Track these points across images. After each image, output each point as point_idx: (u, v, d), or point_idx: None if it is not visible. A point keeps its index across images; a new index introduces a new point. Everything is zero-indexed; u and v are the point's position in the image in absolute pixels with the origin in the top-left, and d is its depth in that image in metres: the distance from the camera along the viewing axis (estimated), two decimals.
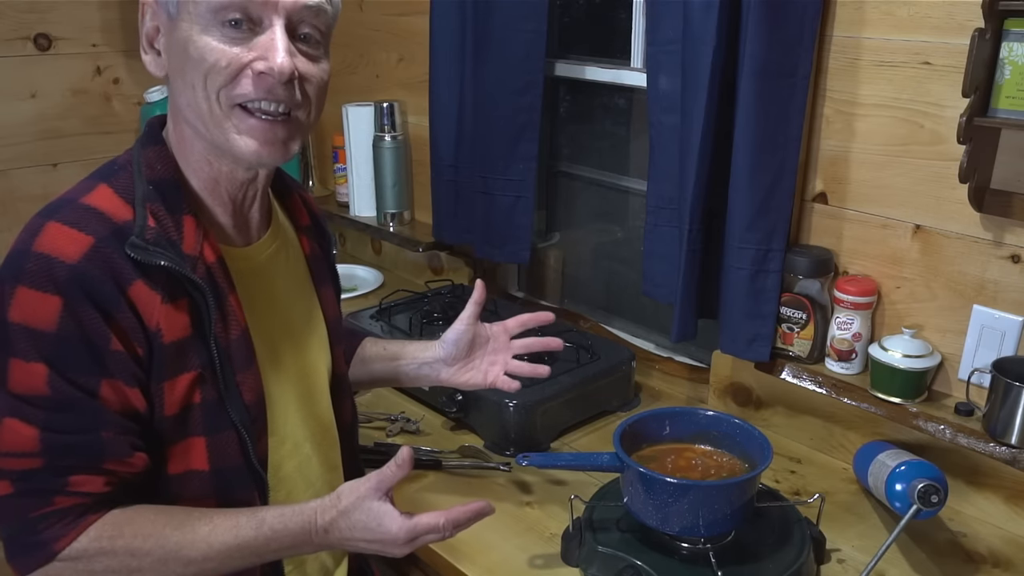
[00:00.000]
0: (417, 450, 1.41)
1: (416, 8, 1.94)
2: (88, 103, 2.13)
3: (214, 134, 0.90)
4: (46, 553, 0.85)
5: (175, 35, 0.88)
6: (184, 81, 0.89)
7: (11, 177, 2.05)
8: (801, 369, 1.38)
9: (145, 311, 0.86)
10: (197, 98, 0.88)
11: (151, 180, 0.92)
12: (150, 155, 0.94)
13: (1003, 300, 1.20)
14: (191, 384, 0.90)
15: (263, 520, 0.91)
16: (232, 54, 0.87)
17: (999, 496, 1.24)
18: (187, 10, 0.87)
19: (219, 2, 0.85)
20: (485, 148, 1.75)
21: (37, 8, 2.01)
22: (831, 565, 1.16)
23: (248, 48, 0.87)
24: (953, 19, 1.16)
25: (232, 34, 0.87)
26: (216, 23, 0.86)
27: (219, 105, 0.88)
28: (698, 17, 1.31)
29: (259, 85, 0.87)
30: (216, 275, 0.93)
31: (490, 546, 1.19)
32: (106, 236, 0.85)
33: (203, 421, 0.91)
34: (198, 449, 0.92)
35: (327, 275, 1.16)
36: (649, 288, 1.56)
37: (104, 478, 0.86)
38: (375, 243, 2.26)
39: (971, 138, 1.11)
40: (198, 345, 0.90)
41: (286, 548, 0.93)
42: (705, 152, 1.36)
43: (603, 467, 1.13)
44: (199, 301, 0.90)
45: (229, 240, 0.98)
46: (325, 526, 0.93)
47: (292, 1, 0.87)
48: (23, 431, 0.83)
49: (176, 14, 0.88)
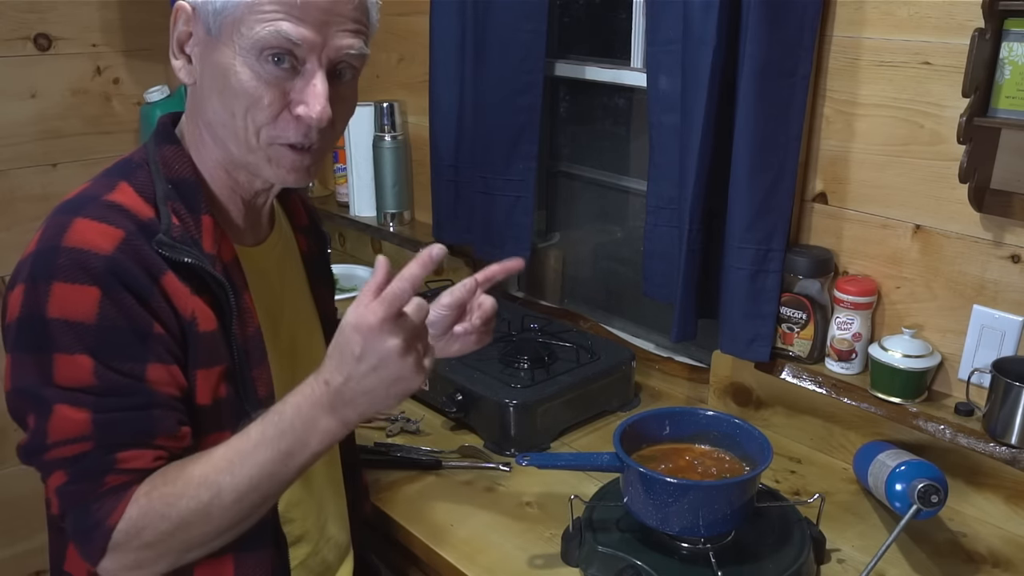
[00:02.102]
0: (417, 450, 1.41)
1: (416, 8, 1.94)
2: (88, 103, 2.13)
3: (245, 157, 0.93)
4: (102, 532, 0.84)
5: (214, 55, 0.89)
6: (223, 105, 0.90)
7: (11, 177, 2.05)
8: (801, 369, 1.38)
9: (178, 301, 0.88)
10: (236, 125, 0.90)
11: (170, 179, 0.93)
12: (167, 154, 0.95)
13: (1003, 300, 1.20)
14: (220, 377, 0.92)
15: (264, 419, 0.86)
16: (274, 93, 0.88)
17: (999, 496, 1.23)
18: (230, 36, 0.87)
19: (267, 40, 0.86)
20: (485, 148, 1.75)
21: (37, 8, 2.01)
22: (831, 565, 1.16)
23: (289, 87, 0.89)
24: (953, 19, 1.16)
25: (274, 71, 0.87)
26: (260, 57, 0.87)
27: (256, 138, 0.90)
28: (698, 17, 1.31)
29: (298, 128, 0.90)
30: (233, 274, 0.95)
31: (490, 546, 1.19)
32: (135, 231, 0.87)
33: (231, 415, 0.93)
34: None
35: (322, 274, 1.18)
36: (649, 288, 1.56)
37: (153, 452, 0.86)
38: (375, 243, 2.26)
39: (971, 138, 1.11)
40: (223, 340, 0.92)
41: (306, 431, 0.85)
42: (705, 152, 1.36)
43: (603, 467, 1.13)
44: (220, 298, 0.92)
45: (240, 238, 1.01)
46: (325, 378, 0.84)
47: (336, 48, 0.89)
48: (74, 416, 0.83)
49: (216, 34, 0.88)
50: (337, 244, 2.39)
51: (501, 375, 1.46)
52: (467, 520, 1.24)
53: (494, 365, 1.49)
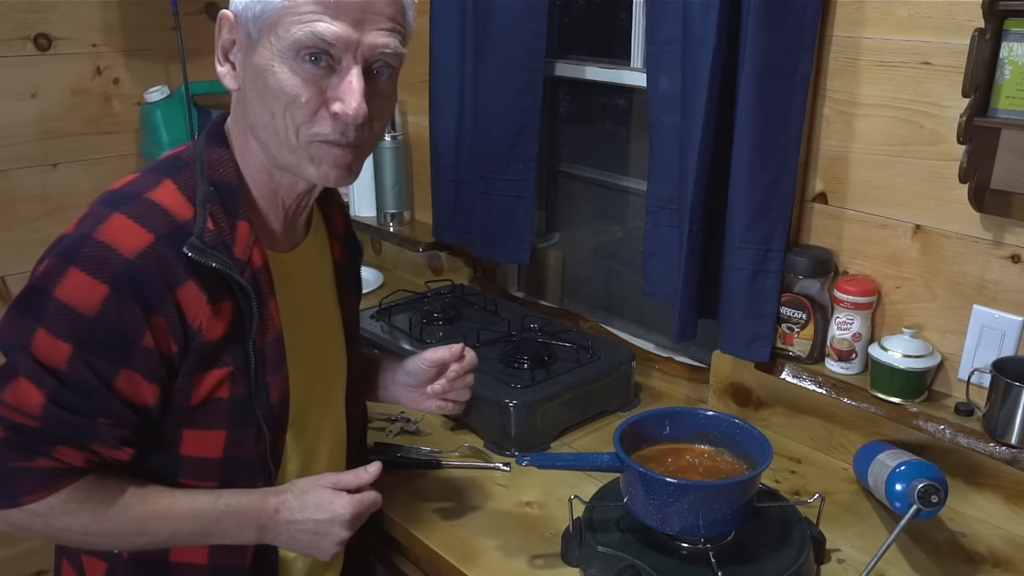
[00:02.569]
0: (417, 450, 1.41)
1: (416, 8, 1.94)
2: (88, 103, 2.13)
3: (287, 158, 0.94)
4: (12, 500, 0.90)
5: (254, 58, 0.91)
6: (263, 106, 0.91)
7: (11, 177, 2.04)
8: (801, 369, 1.38)
9: (190, 311, 0.90)
10: (276, 125, 0.91)
11: (213, 181, 0.95)
12: (214, 156, 0.97)
13: (1003, 300, 1.20)
14: (221, 380, 0.94)
15: (220, 495, 0.97)
16: (311, 91, 0.89)
17: (999, 496, 1.23)
18: (268, 39, 0.89)
19: (303, 41, 0.87)
20: (485, 148, 1.75)
21: (37, 8, 2.01)
22: (831, 565, 1.16)
23: (326, 85, 0.90)
24: (953, 19, 1.16)
25: (311, 70, 0.89)
26: (297, 57, 0.88)
27: (296, 137, 0.92)
28: (698, 17, 1.31)
29: (335, 126, 0.91)
30: (261, 280, 0.96)
31: (490, 546, 1.19)
32: (166, 234, 0.89)
33: (228, 415, 0.95)
34: (215, 440, 0.96)
35: (352, 282, 1.20)
36: (649, 288, 1.56)
37: (86, 455, 0.91)
38: (375, 243, 2.26)
39: (971, 138, 1.11)
40: (235, 345, 0.94)
41: (234, 527, 0.98)
42: (705, 152, 1.36)
43: (603, 467, 1.13)
44: (243, 304, 0.94)
45: (275, 244, 1.02)
46: (276, 505, 0.98)
47: (370, 46, 0.90)
48: (31, 394, 0.87)
49: (257, 38, 0.90)
50: None
51: (501, 375, 1.46)
52: (467, 520, 1.24)
53: (494, 365, 1.49)
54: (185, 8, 2.12)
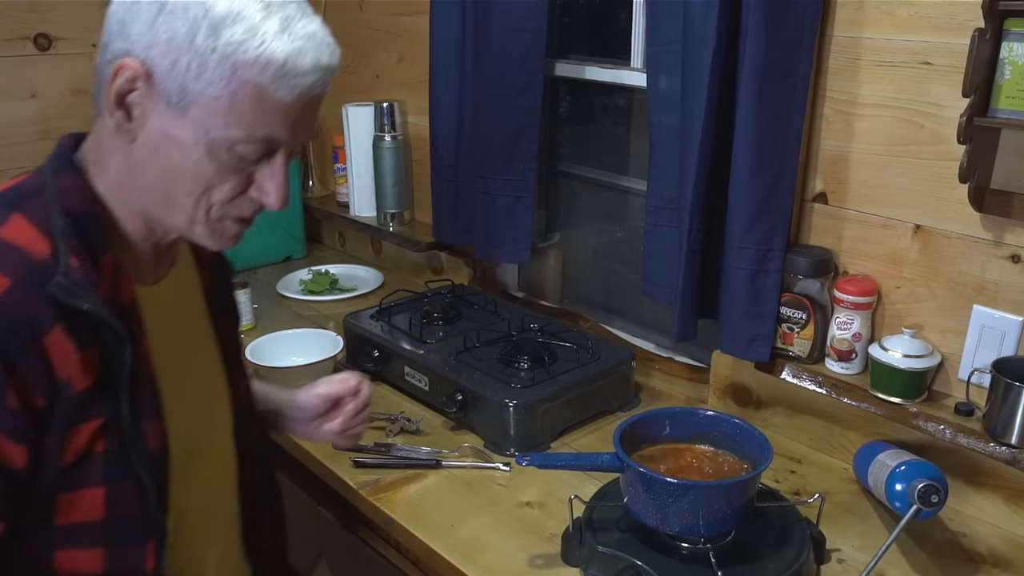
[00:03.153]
0: (417, 450, 1.41)
1: (416, 8, 1.94)
2: (88, 103, 2.11)
3: (178, 225, 0.89)
4: None
5: (171, 132, 0.83)
6: (160, 179, 0.85)
7: (11, 177, 2.05)
8: (801, 369, 1.38)
9: (58, 361, 0.81)
10: (183, 203, 0.86)
11: (68, 212, 0.85)
12: (65, 184, 0.87)
13: (1003, 300, 1.20)
14: (94, 433, 0.85)
15: None
16: (237, 179, 0.86)
17: (999, 496, 1.23)
18: (200, 118, 0.81)
19: (250, 138, 0.83)
20: (485, 148, 1.75)
21: (37, 8, 2.01)
22: (831, 565, 1.16)
23: (252, 170, 0.86)
24: (953, 19, 1.16)
25: (242, 162, 0.85)
26: (231, 149, 0.83)
27: (206, 215, 0.87)
28: (698, 17, 1.31)
29: (252, 207, 0.88)
30: (130, 319, 0.89)
31: (490, 546, 1.19)
32: (25, 277, 0.80)
33: (104, 471, 0.86)
34: (94, 499, 0.86)
35: (225, 306, 1.12)
36: (649, 288, 1.56)
37: None
38: (375, 243, 2.26)
39: (971, 138, 1.11)
40: (107, 393, 0.85)
41: None
42: (705, 152, 1.36)
43: (603, 467, 1.13)
44: (113, 347, 0.85)
45: (140, 276, 0.94)
46: None
47: (304, 137, 0.87)
48: None
49: (181, 109, 0.81)
50: (337, 244, 2.39)
51: (501, 375, 1.46)
52: (467, 520, 1.24)
53: (494, 365, 1.49)
54: None
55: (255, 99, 0.81)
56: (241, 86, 0.80)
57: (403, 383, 1.57)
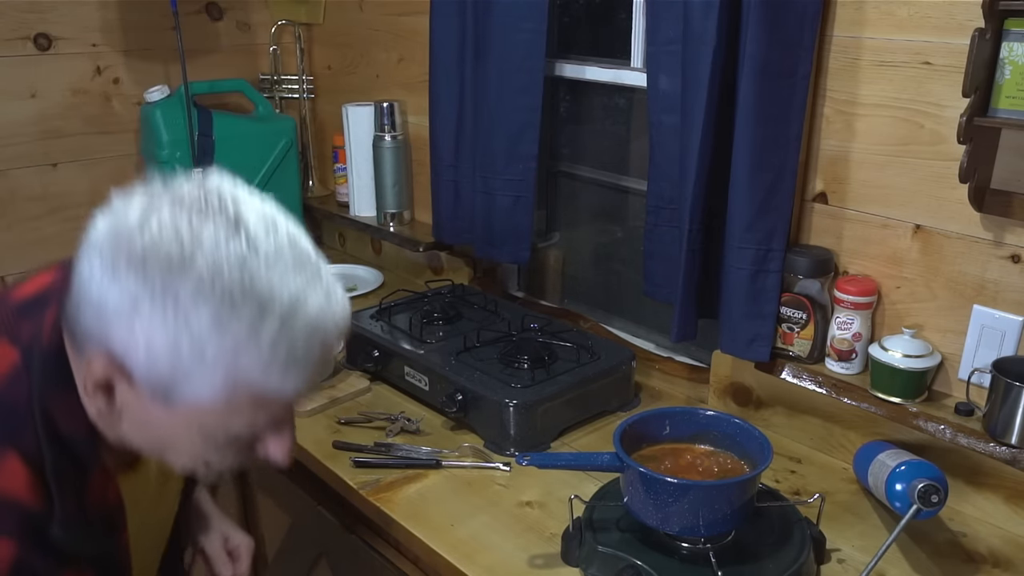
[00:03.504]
0: (417, 450, 1.41)
1: (416, 8, 1.94)
2: (88, 103, 2.13)
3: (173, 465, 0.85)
4: None
5: (159, 418, 0.75)
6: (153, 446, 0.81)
7: (11, 177, 2.04)
8: (801, 369, 1.38)
9: None
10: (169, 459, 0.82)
11: (60, 438, 0.78)
12: (59, 406, 0.79)
13: (1003, 300, 1.20)
14: None
15: None
16: (241, 450, 0.81)
17: (999, 496, 1.23)
18: (191, 416, 0.74)
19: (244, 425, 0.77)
20: (485, 148, 1.75)
21: (37, 8, 2.01)
22: (831, 565, 1.16)
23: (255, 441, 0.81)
24: (953, 19, 1.16)
25: (242, 441, 0.80)
26: (231, 433, 0.77)
27: (204, 469, 0.83)
28: (698, 17, 1.31)
29: (251, 458, 0.83)
30: (114, 516, 0.86)
31: (490, 546, 1.19)
32: (29, 535, 0.76)
33: None
34: None
35: None
36: (649, 288, 1.56)
37: None
38: (375, 243, 2.26)
39: (971, 138, 1.11)
40: None
41: None
42: (705, 152, 1.36)
43: (603, 467, 1.13)
44: None
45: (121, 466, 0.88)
46: None
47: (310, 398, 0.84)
48: None
49: (168, 406, 0.73)
50: (337, 244, 2.39)
51: (501, 375, 1.46)
52: (467, 520, 1.24)
53: (494, 365, 1.49)
54: (185, 8, 2.12)
55: (254, 400, 0.74)
56: (237, 390, 0.72)
57: (403, 383, 1.57)
